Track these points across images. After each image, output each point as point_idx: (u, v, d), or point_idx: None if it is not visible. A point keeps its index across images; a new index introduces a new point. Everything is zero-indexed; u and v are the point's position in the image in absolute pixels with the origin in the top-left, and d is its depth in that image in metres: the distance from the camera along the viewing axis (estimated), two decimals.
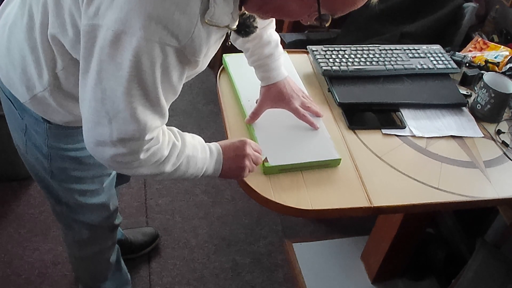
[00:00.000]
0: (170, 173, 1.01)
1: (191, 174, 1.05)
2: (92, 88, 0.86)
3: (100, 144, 0.91)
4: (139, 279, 1.87)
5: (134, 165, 0.95)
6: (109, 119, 0.88)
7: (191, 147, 1.04)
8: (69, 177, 1.21)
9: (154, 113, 0.90)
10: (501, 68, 1.65)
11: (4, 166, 2.05)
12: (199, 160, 1.05)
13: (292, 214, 1.13)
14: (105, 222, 1.39)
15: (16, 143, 1.24)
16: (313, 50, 1.54)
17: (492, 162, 1.33)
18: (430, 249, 2.00)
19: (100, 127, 0.89)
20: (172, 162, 1.00)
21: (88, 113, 0.90)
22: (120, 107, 0.86)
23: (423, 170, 1.26)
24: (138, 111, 0.87)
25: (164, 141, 0.97)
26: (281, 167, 1.17)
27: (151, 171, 0.99)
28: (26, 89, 1.03)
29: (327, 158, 1.20)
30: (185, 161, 1.02)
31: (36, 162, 1.19)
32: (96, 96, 0.86)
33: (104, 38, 0.81)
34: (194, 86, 2.77)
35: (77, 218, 1.33)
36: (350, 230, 2.13)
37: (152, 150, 0.95)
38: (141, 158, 0.94)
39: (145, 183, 2.22)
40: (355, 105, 1.41)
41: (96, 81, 0.85)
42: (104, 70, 0.84)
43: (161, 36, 0.80)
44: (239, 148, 1.12)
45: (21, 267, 1.84)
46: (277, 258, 2.02)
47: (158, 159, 0.97)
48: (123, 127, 0.88)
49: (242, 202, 2.21)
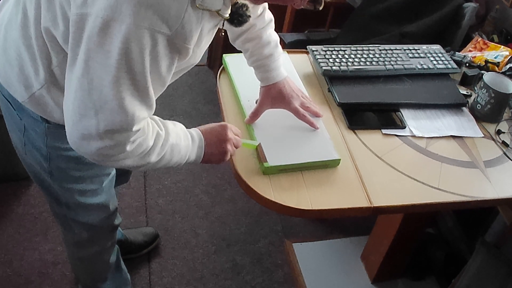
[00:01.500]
0: (155, 163, 1.01)
1: (175, 162, 1.06)
2: (78, 79, 0.85)
3: (85, 138, 0.90)
4: (139, 279, 1.87)
5: (120, 157, 0.94)
6: (96, 111, 0.86)
7: (174, 135, 1.03)
8: (68, 177, 1.21)
9: (142, 103, 0.89)
10: (501, 68, 1.65)
11: (4, 166, 2.05)
12: (183, 148, 1.05)
13: (292, 214, 1.13)
14: (105, 222, 1.38)
15: (15, 144, 1.24)
16: (313, 50, 1.54)
17: (492, 162, 1.33)
18: (430, 249, 2.00)
19: (86, 120, 0.88)
20: (157, 152, 1.00)
21: (74, 106, 0.88)
22: (107, 97, 0.85)
23: (423, 170, 1.26)
24: (126, 101, 0.86)
25: (149, 131, 0.97)
26: (280, 167, 1.17)
27: (137, 163, 0.98)
28: (24, 88, 1.03)
29: (327, 159, 1.20)
30: (169, 150, 1.02)
31: (36, 163, 1.19)
32: (83, 86, 0.85)
33: (93, 26, 0.81)
34: (194, 86, 2.77)
35: (76, 218, 1.33)
36: (350, 230, 2.13)
37: (138, 142, 0.94)
38: (127, 150, 0.93)
39: (145, 183, 2.22)
40: (355, 105, 1.41)
41: (83, 70, 0.84)
42: (92, 59, 0.83)
43: (151, 22, 0.80)
44: (220, 133, 1.12)
45: (21, 267, 1.84)
46: (277, 258, 2.02)
47: (144, 150, 0.96)
48: (110, 118, 0.87)
49: (242, 202, 2.21)
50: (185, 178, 2.28)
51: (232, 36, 1.28)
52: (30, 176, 1.29)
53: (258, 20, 1.22)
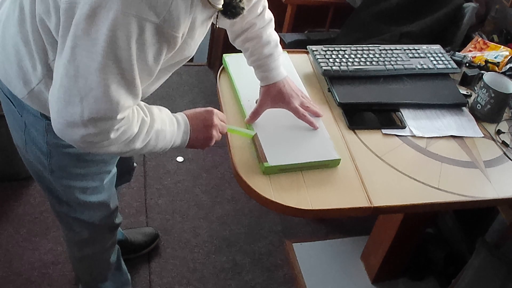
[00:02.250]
0: (140, 149, 1.01)
1: (160, 148, 1.06)
2: (65, 65, 0.85)
3: (70, 125, 0.90)
4: (139, 279, 1.87)
5: (104, 145, 0.94)
6: (81, 98, 0.87)
7: (159, 121, 1.03)
8: (69, 174, 1.21)
9: (127, 92, 0.89)
10: (501, 68, 1.65)
11: (4, 166, 2.05)
12: (168, 133, 1.05)
13: (292, 214, 1.13)
14: (106, 221, 1.39)
15: (16, 142, 1.24)
16: (313, 50, 1.54)
17: (492, 162, 1.33)
18: (430, 249, 2.00)
19: (71, 107, 0.88)
20: (142, 139, 1.00)
21: (59, 92, 0.88)
22: (93, 85, 0.85)
23: (423, 170, 1.26)
24: (111, 89, 0.86)
25: (133, 119, 0.97)
26: (280, 167, 1.17)
27: (121, 149, 0.98)
28: (23, 84, 1.04)
29: (327, 158, 1.20)
30: (154, 136, 1.02)
31: (36, 160, 1.19)
32: (69, 73, 0.85)
33: (80, 13, 0.81)
34: (194, 86, 2.77)
35: (77, 217, 1.33)
36: (350, 230, 2.13)
37: (123, 129, 0.94)
38: (111, 138, 0.93)
39: (145, 183, 2.22)
40: (355, 105, 1.41)
41: (70, 57, 0.84)
42: (78, 46, 0.83)
43: (138, 9, 0.80)
44: (206, 118, 1.13)
45: (21, 267, 1.84)
46: (277, 258, 2.02)
47: (128, 137, 0.96)
48: (95, 106, 0.87)
49: (242, 202, 2.21)
50: (185, 178, 2.28)
51: (232, 35, 1.28)
52: (31, 174, 1.29)
53: (258, 19, 1.22)
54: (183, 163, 2.34)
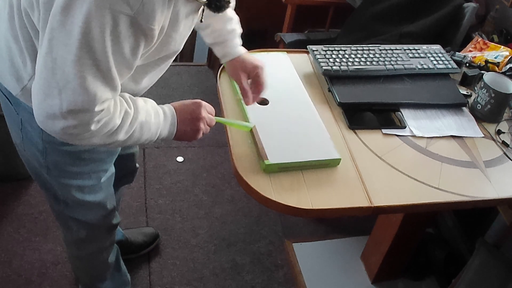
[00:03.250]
0: (124, 140, 1.01)
1: (145, 139, 1.06)
2: (43, 58, 0.86)
3: (50, 117, 0.91)
4: (139, 279, 1.87)
5: (85, 136, 0.95)
6: (59, 90, 0.87)
7: (144, 113, 1.03)
8: (65, 172, 1.21)
9: (104, 84, 0.89)
10: (501, 68, 1.66)
11: (4, 166, 2.05)
12: (153, 125, 1.05)
13: (293, 214, 1.13)
14: (103, 221, 1.38)
15: (14, 141, 1.24)
16: (313, 50, 1.54)
17: (492, 162, 1.33)
18: (430, 249, 2.00)
19: (50, 99, 0.89)
20: (125, 130, 1.00)
21: (39, 85, 0.89)
22: (69, 77, 0.86)
23: (423, 170, 1.26)
24: (87, 81, 0.87)
25: (115, 111, 0.97)
26: (281, 165, 1.17)
27: (104, 141, 0.99)
28: (16, 80, 1.04)
29: (327, 158, 1.20)
30: (138, 127, 1.02)
31: (33, 158, 1.19)
32: (47, 65, 0.86)
33: (56, 5, 0.82)
34: (194, 86, 2.77)
35: (75, 216, 1.33)
36: (350, 230, 2.13)
37: (104, 121, 0.95)
38: (92, 129, 0.93)
39: (145, 183, 2.22)
40: (355, 105, 1.41)
41: (48, 49, 0.85)
42: (55, 38, 0.84)
43: (112, 2, 0.80)
44: (194, 111, 1.13)
45: (21, 267, 1.84)
46: (277, 258, 2.02)
47: (110, 129, 0.97)
48: (72, 98, 0.88)
49: (242, 202, 2.21)
50: (185, 178, 2.28)
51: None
52: (29, 172, 1.29)
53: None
54: (183, 163, 2.34)
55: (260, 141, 1.21)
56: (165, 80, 2.69)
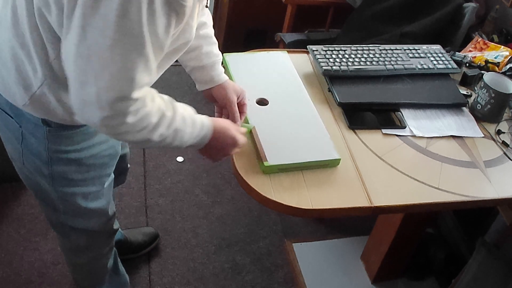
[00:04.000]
0: (157, 142, 1.00)
1: (175, 146, 1.05)
2: (76, 46, 0.84)
3: (87, 105, 0.89)
4: (139, 279, 1.87)
5: (121, 130, 0.93)
6: (96, 77, 0.85)
7: (181, 120, 1.02)
8: (70, 181, 1.19)
9: (142, 67, 0.88)
10: (501, 68, 1.66)
11: (4, 166, 2.05)
12: (186, 135, 1.04)
13: (293, 214, 1.13)
14: (104, 227, 1.38)
15: (11, 156, 1.22)
16: (313, 50, 1.54)
17: (492, 162, 1.33)
18: (430, 249, 2.00)
19: (87, 87, 0.87)
20: (160, 133, 0.98)
21: (74, 74, 0.87)
22: (106, 63, 0.84)
23: (423, 170, 1.26)
24: (126, 65, 0.85)
25: (153, 107, 0.95)
26: (280, 167, 1.17)
27: (138, 138, 0.97)
28: (24, 89, 1.02)
29: (327, 158, 1.20)
30: (173, 134, 1.01)
31: (35, 170, 1.17)
32: (82, 53, 0.84)
33: None
34: (194, 86, 2.76)
35: (75, 225, 1.32)
36: (350, 230, 2.13)
37: (140, 115, 0.93)
38: (128, 122, 0.91)
39: (145, 183, 2.22)
40: (355, 105, 1.41)
41: (81, 37, 0.83)
42: (88, 24, 0.82)
43: None
44: (234, 139, 1.12)
45: (21, 267, 1.84)
46: (277, 258, 2.02)
47: (146, 125, 0.95)
48: (110, 84, 0.86)
49: (242, 202, 2.21)
50: (185, 178, 2.28)
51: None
52: (27, 186, 1.27)
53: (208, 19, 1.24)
54: (183, 163, 2.34)
55: (259, 142, 1.21)
56: (165, 80, 2.69)
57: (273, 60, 1.50)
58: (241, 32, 2.77)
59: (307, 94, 1.39)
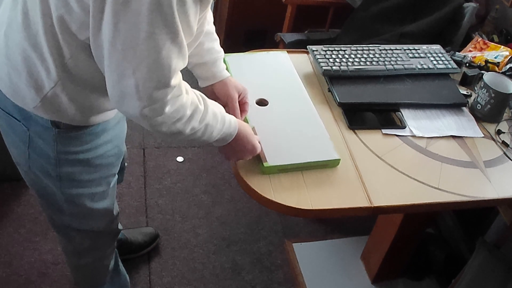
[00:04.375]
0: (188, 135, 1.02)
1: (203, 141, 1.07)
2: (110, 43, 0.86)
3: (126, 97, 0.91)
4: (139, 279, 1.87)
5: (158, 121, 0.95)
6: (133, 70, 0.87)
7: (212, 116, 1.04)
8: (78, 182, 1.19)
9: (177, 54, 0.90)
10: (501, 68, 1.66)
11: (4, 166, 2.05)
12: (216, 131, 1.06)
13: (292, 214, 1.13)
14: (109, 228, 1.38)
15: (16, 160, 1.21)
16: (313, 50, 1.54)
17: (492, 162, 1.33)
18: (430, 249, 2.00)
19: (125, 80, 0.89)
20: (192, 125, 1.00)
21: (111, 69, 0.89)
22: (143, 55, 0.86)
23: (423, 170, 1.26)
24: (162, 54, 0.87)
25: (188, 99, 0.98)
26: (280, 167, 1.17)
27: (172, 130, 0.98)
28: (35, 91, 1.01)
29: (326, 159, 1.20)
30: (203, 128, 1.03)
31: (41, 173, 1.17)
32: (117, 49, 0.86)
33: None
34: (194, 86, 2.76)
35: (80, 227, 1.32)
36: (350, 230, 2.13)
37: (176, 105, 0.95)
38: (166, 112, 0.93)
39: (145, 183, 2.22)
40: (355, 105, 1.41)
41: (114, 33, 0.85)
42: (120, 21, 0.83)
43: None
44: (253, 146, 1.14)
45: (21, 267, 1.84)
46: (277, 258, 2.02)
47: (181, 116, 0.97)
48: (148, 75, 0.88)
49: (242, 202, 2.21)
50: (185, 178, 2.28)
51: None
52: (33, 190, 1.27)
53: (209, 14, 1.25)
54: (183, 163, 2.34)
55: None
56: None
57: (273, 60, 1.50)
58: (241, 32, 2.77)
59: (307, 94, 1.39)
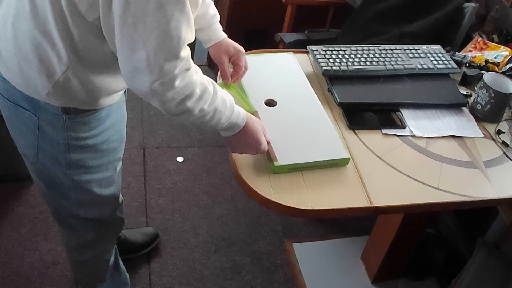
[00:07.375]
0: (197, 117, 1.03)
1: (211, 126, 1.08)
2: (121, 17, 0.88)
3: (138, 72, 0.93)
4: (139, 279, 1.87)
5: (168, 97, 0.96)
6: (144, 42, 0.89)
7: (221, 101, 1.05)
8: (87, 168, 1.21)
9: (186, 24, 0.92)
10: (501, 68, 1.66)
11: (4, 166, 2.05)
12: (224, 117, 1.08)
13: (292, 214, 1.13)
14: (113, 216, 1.40)
15: (23, 151, 1.22)
16: (313, 50, 1.54)
17: (492, 162, 1.33)
18: (430, 249, 2.00)
19: (136, 53, 0.91)
20: (201, 107, 1.01)
21: (122, 43, 0.91)
22: (153, 26, 0.88)
23: (423, 170, 1.26)
24: (171, 25, 0.89)
25: (197, 77, 0.99)
26: (290, 166, 1.17)
27: (182, 108, 0.99)
28: (47, 78, 1.03)
29: (336, 157, 1.20)
30: (212, 112, 1.04)
31: (50, 162, 1.18)
32: (127, 22, 0.88)
33: None
34: None
35: (87, 215, 1.33)
36: (350, 230, 2.13)
37: (186, 81, 0.96)
38: (175, 86, 0.95)
39: (145, 183, 2.22)
40: (355, 105, 1.41)
41: (125, 7, 0.87)
42: None
43: None
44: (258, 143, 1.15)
45: (21, 267, 1.84)
46: (277, 258, 2.02)
47: (190, 93, 0.98)
48: (158, 46, 0.90)
49: (242, 202, 2.21)
50: (185, 178, 2.28)
51: None
52: (39, 183, 1.27)
53: None
54: (183, 163, 2.34)
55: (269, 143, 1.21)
56: None
57: (280, 62, 1.51)
58: (241, 32, 2.77)
59: (314, 94, 1.39)
